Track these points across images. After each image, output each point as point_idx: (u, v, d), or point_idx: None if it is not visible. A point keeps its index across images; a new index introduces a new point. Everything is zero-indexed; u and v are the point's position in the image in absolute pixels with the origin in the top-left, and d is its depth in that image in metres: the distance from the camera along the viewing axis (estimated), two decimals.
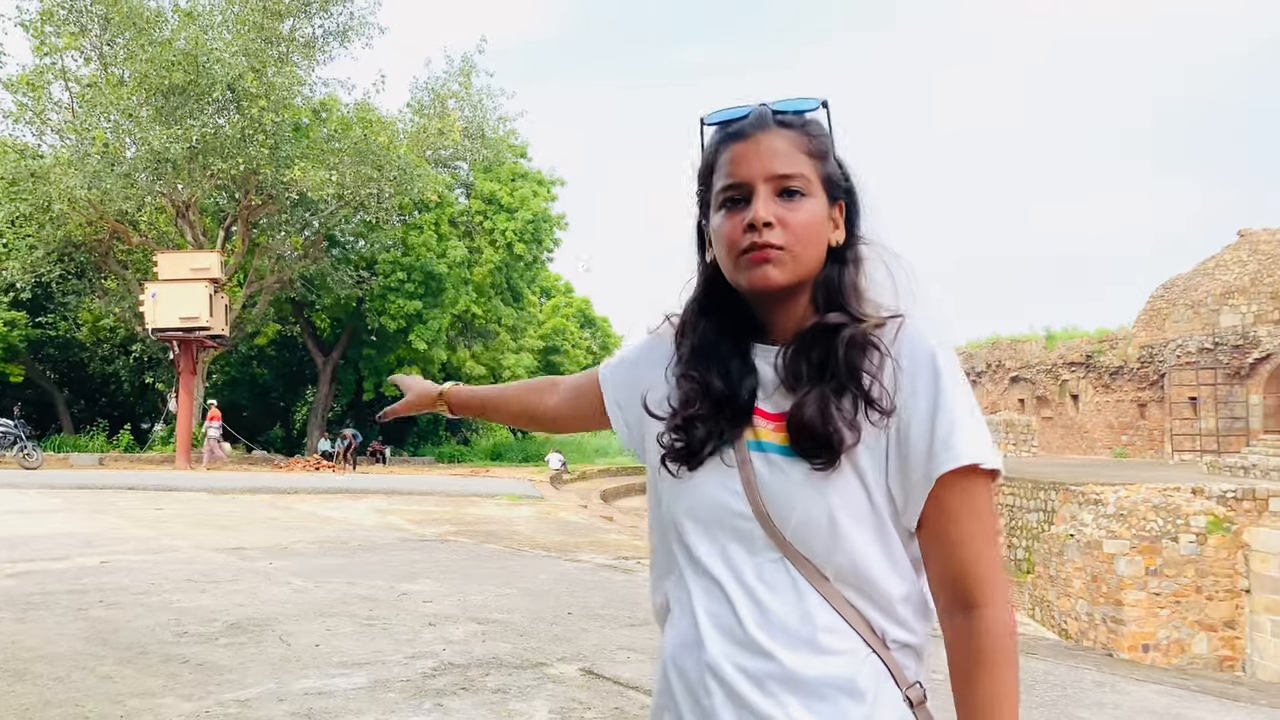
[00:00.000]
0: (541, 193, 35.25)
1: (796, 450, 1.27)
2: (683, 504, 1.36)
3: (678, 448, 1.36)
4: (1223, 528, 13.82)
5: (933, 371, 1.27)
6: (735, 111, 1.37)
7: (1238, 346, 24.22)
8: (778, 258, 1.29)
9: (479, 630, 6.26)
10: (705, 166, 1.40)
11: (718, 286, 1.40)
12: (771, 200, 1.30)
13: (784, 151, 1.32)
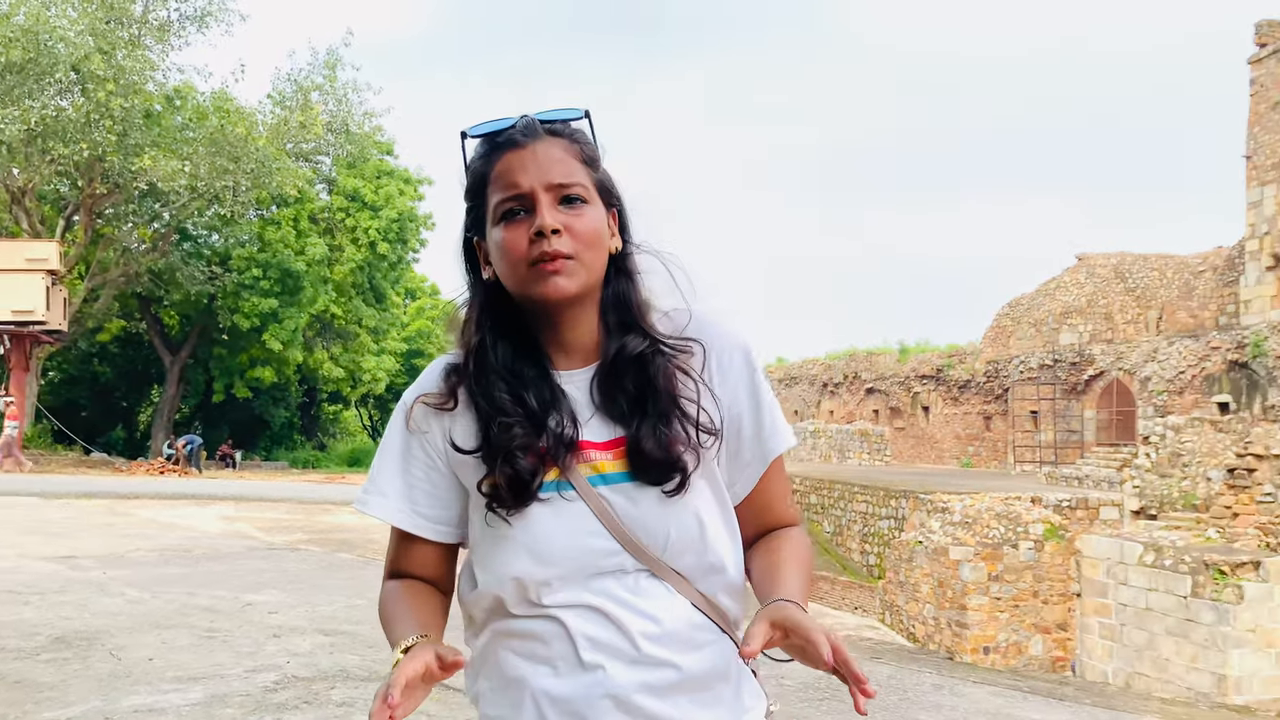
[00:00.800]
0: (408, 191, 34.60)
1: (644, 480, 1.30)
2: (524, 554, 1.29)
3: (505, 483, 1.29)
4: (1058, 535, 14.62)
5: (748, 370, 1.38)
6: (500, 123, 1.34)
7: (1074, 363, 25.69)
8: (568, 267, 1.27)
9: (327, 642, 6.05)
10: (476, 180, 1.35)
11: (499, 305, 1.36)
12: (554, 208, 1.28)
13: (561, 159, 1.31)
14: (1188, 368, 21.88)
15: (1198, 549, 12.26)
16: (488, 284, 1.36)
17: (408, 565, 1.41)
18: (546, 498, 1.29)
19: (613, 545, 1.29)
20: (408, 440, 1.37)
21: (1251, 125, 21.45)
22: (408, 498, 1.37)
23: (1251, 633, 11.50)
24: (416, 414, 1.37)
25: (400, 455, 1.38)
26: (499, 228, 1.30)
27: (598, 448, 1.32)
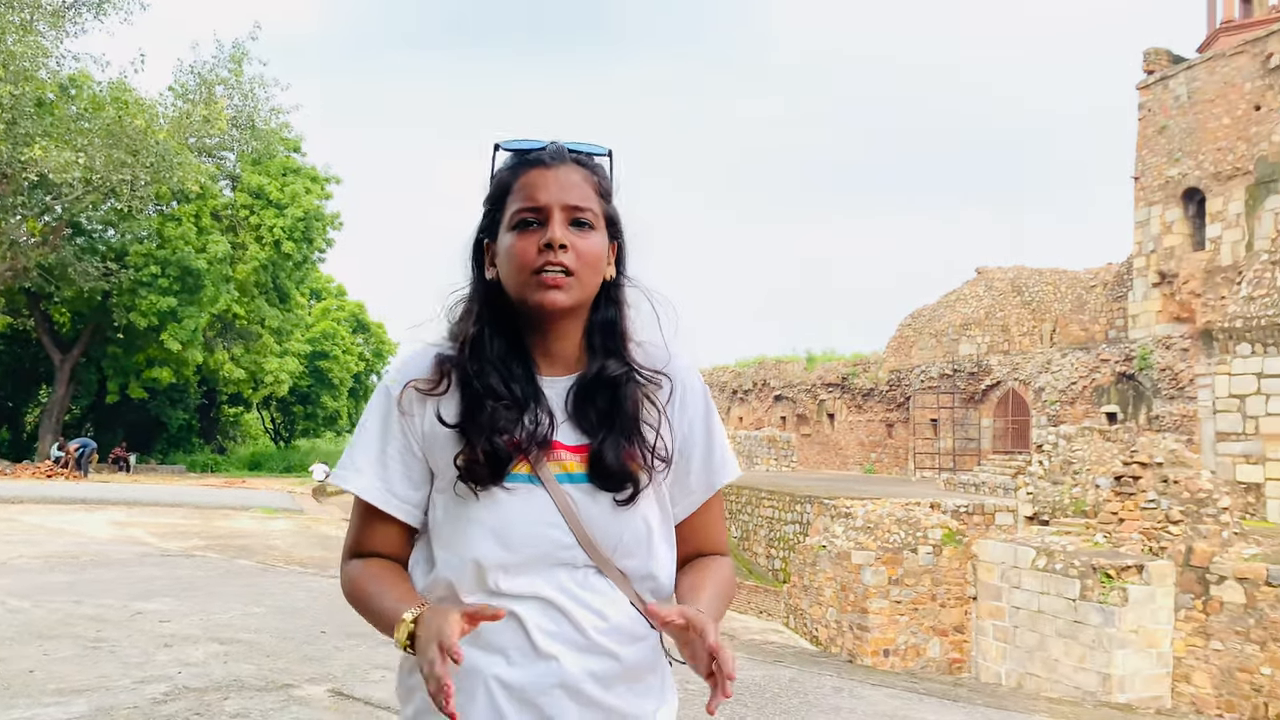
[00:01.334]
0: (315, 190, 33.86)
1: (601, 486, 1.44)
2: (488, 537, 1.39)
3: (484, 458, 1.39)
4: (955, 540, 15.02)
5: (705, 408, 1.56)
6: (532, 143, 1.48)
7: (973, 374, 26.48)
8: (567, 283, 1.41)
9: (221, 651, 5.88)
10: (499, 189, 1.48)
11: (496, 305, 1.48)
12: (565, 226, 1.42)
13: (578, 185, 1.45)
14: (1079, 379, 22.75)
15: (1086, 553, 12.74)
16: (489, 283, 1.49)
17: (372, 544, 1.49)
18: (514, 487, 1.41)
19: (570, 539, 1.41)
20: (388, 422, 1.47)
21: (1140, 149, 22.43)
22: (382, 476, 1.46)
23: (1134, 633, 12.00)
24: (406, 397, 1.46)
25: (379, 435, 1.47)
26: (512, 234, 1.44)
27: (567, 449, 1.45)
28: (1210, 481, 13.04)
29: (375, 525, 1.48)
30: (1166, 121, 21.72)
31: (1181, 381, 19.98)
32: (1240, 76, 20.14)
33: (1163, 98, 21.89)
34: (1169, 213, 21.63)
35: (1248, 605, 11.60)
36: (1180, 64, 21.81)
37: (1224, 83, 20.48)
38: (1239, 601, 11.69)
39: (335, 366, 42.96)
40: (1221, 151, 20.39)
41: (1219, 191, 20.42)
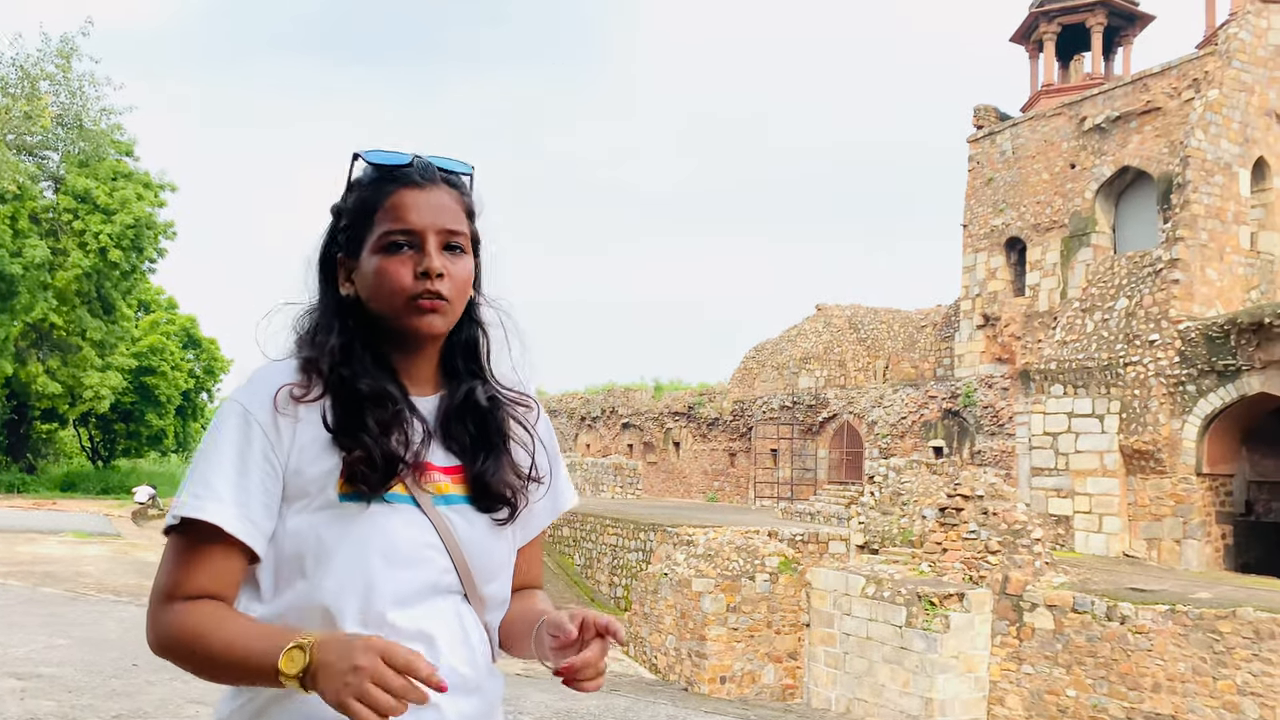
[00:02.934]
0: (147, 196, 32.14)
1: (480, 507, 1.42)
2: (375, 556, 1.32)
3: (380, 457, 1.33)
4: (791, 568, 15.43)
5: (552, 439, 1.57)
6: (396, 156, 1.42)
7: (811, 406, 27.37)
8: (444, 309, 1.38)
9: (18, 687, 5.44)
10: (364, 206, 1.41)
11: (352, 322, 1.42)
12: (440, 252, 1.39)
13: (452, 208, 1.42)
14: (909, 414, 23.83)
15: (912, 582, 13.31)
16: (345, 300, 1.43)
17: (204, 583, 1.30)
18: (396, 506, 1.35)
19: (447, 563, 1.37)
20: (247, 443, 1.33)
21: (968, 198, 23.82)
22: (243, 504, 1.31)
23: (955, 659, 12.59)
24: (269, 413, 1.34)
25: (237, 458, 1.33)
26: (379, 256, 1.38)
27: (442, 471, 1.41)
28: (1025, 514, 13.85)
29: (215, 561, 1.30)
30: (993, 174, 23.16)
31: (1002, 419, 21.21)
32: (1058, 136, 21.69)
33: (990, 152, 23.35)
34: (993, 259, 23.03)
35: (1056, 631, 12.35)
36: (1006, 121, 23.33)
37: (1044, 141, 22.01)
38: (1049, 628, 12.43)
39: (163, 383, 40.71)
40: (1041, 205, 21.87)
41: (1038, 242, 21.88)
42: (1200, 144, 16.91)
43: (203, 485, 1.31)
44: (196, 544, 1.30)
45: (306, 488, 1.34)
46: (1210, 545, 15.28)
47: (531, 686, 6.32)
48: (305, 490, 1.34)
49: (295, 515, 1.33)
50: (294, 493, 1.34)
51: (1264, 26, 17.94)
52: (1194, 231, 16.56)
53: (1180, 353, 15.54)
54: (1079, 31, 23.86)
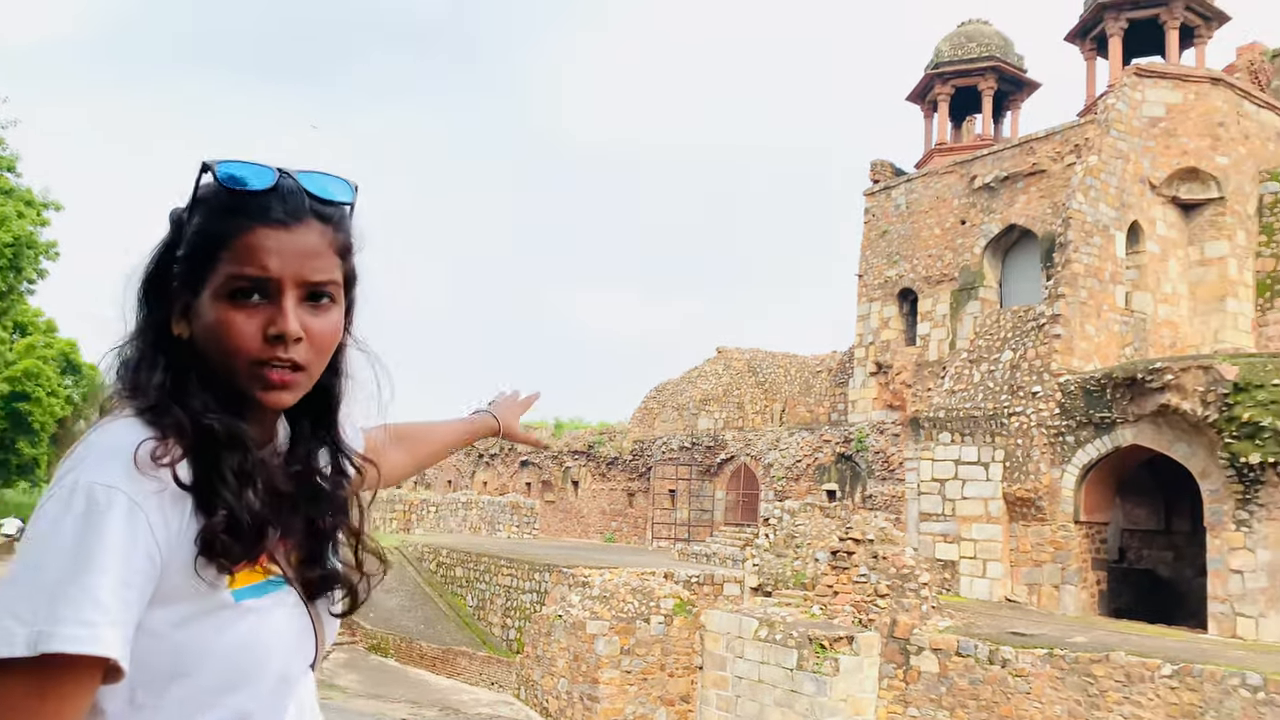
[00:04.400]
0: (29, 214, 30.82)
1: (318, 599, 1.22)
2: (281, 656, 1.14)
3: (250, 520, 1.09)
4: (686, 610, 15.47)
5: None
6: (257, 175, 1.13)
7: (709, 447, 27.63)
8: (295, 381, 1.14)
9: None
10: (208, 239, 1.13)
11: (184, 362, 1.15)
12: (299, 305, 1.14)
13: (321, 252, 1.16)
14: (804, 457, 24.25)
15: (804, 624, 13.48)
16: (176, 340, 1.16)
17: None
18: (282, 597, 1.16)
19: (310, 658, 1.21)
20: (132, 544, 1.02)
21: (864, 249, 24.56)
22: (126, 622, 1.01)
23: (843, 701, 12.77)
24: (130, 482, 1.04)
25: (123, 565, 1.01)
26: (223, 303, 1.12)
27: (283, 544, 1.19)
28: (913, 558, 14.20)
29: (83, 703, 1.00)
30: (888, 227, 23.94)
31: (892, 464, 21.75)
32: (950, 193, 22.57)
33: (885, 205, 24.15)
34: (886, 309, 23.73)
35: (941, 674, 12.64)
36: (901, 176, 24.19)
37: (936, 197, 22.88)
38: (934, 671, 12.72)
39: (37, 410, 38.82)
40: (932, 258, 22.68)
41: (929, 293, 22.65)
42: (1081, 206, 17.80)
43: (88, 600, 0.97)
44: (65, 685, 0.97)
45: (184, 585, 1.06)
46: (1086, 591, 15.88)
47: None
48: (181, 588, 1.06)
49: (171, 621, 1.06)
50: (168, 591, 1.06)
51: (1139, 99, 19.06)
52: (1074, 289, 17.38)
53: (1060, 405, 16.23)
54: (971, 94, 24.96)
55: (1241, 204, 19.15)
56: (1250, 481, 13.65)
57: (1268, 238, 19.21)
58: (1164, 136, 19.07)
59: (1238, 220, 19.07)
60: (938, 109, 25.15)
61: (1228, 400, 13.77)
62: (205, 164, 1.15)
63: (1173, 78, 19.31)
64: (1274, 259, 19.07)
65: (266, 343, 1.12)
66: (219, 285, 1.12)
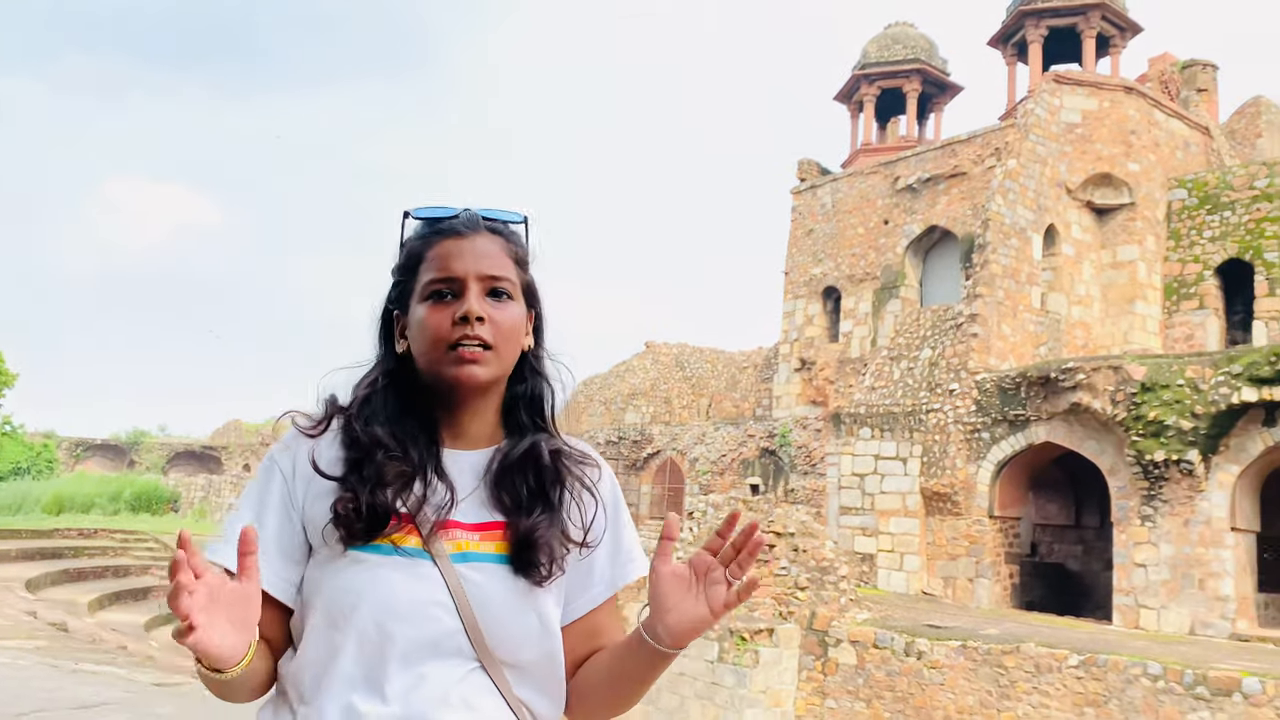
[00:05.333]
0: None
1: (517, 566, 1.35)
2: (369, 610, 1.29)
3: (365, 509, 1.30)
4: None
5: (616, 506, 1.49)
6: (444, 210, 1.43)
7: (636, 441, 27.68)
8: (485, 357, 1.35)
9: None
10: (410, 258, 1.42)
11: (402, 378, 1.42)
12: (482, 298, 1.37)
13: (494, 254, 1.40)
14: (729, 451, 24.45)
15: (725, 618, 13.58)
16: (398, 357, 1.42)
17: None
18: (400, 560, 1.31)
19: (456, 624, 1.31)
20: (267, 491, 1.37)
21: (790, 247, 24.82)
22: (259, 548, 1.27)
23: (763, 693, 12.90)
24: (279, 449, 1.39)
25: (256, 506, 1.36)
26: (424, 305, 1.37)
27: (465, 528, 1.36)
28: (833, 551, 14.41)
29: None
30: (814, 225, 24.23)
31: (814, 458, 22.05)
32: (874, 193, 22.93)
33: (811, 204, 24.44)
34: (811, 306, 24.03)
35: (859, 666, 12.85)
36: (827, 176, 24.50)
37: (861, 197, 23.22)
38: (851, 663, 12.92)
39: None
40: (856, 257, 23.02)
41: (852, 292, 23.00)
42: (999, 209, 18.24)
43: (227, 531, 1.34)
44: None
45: (318, 535, 1.34)
46: (999, 584, 16.29)
47: None
48: (318, 538, 1.34)
49: (312, 565, 1.35)
50: (314, 540, 1.36)
51: (1057, 105, 19.59)
52: (992, 289, 17.80)
53: (977, 402, 16.61)
54: (896, 95, 25.39)
55: (1151, 210, 19.82)
56: (1155, 478, 14.14)
57: (1175, 243, 19.92)
58: (1080, 142, 19.64)
59: (1147, 225, 19.74)
60: (864, 109, 25.54)
61: (1135, 399, 14.24)
62: (406, 212, 1.46)
63: (1089, 85, 19.89)
64: (1180, 263, 19.79)
65: (455, 325, 1.35)
66: (421, 292, 1.39)
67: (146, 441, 47.14)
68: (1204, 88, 22.12)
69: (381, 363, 1.45)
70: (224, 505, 32.89)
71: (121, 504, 32.19)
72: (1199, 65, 22.37)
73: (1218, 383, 13.54)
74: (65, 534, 20.72)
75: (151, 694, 6.54)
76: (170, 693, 6.73)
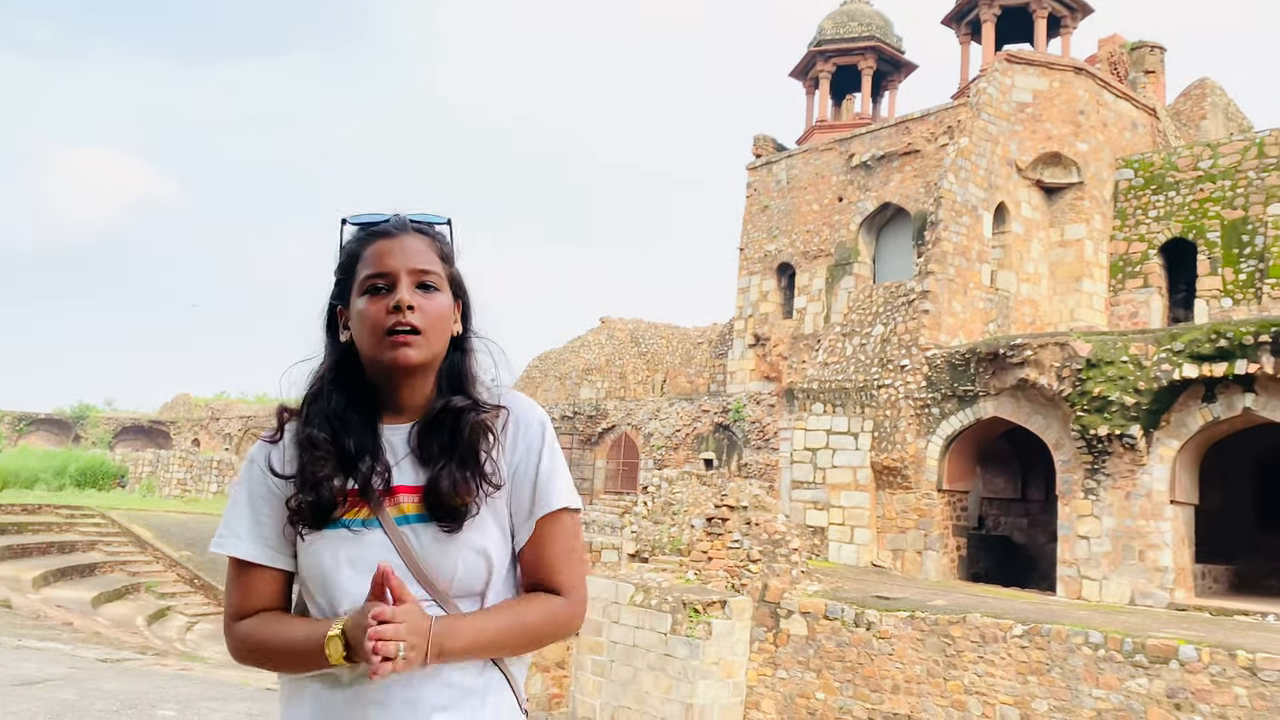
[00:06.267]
0: None
1: (432, 516, 1.55)
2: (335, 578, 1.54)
3: (308, 507, 1.54)
4: None
5: (541, 439, 1.66)
6: (377, 216, 1.64)
7: (591, 416, 27.70)
8: (416, 341, 1.55)
9: None
10: (349, 258, 1.63)
11: (348, 365, 1.62)
12: (412, 289, 1.57)
13: (422, 251, 1.61)
14: (683, 426, 24.56)
15: (678, 590, 13.70)
16: (343, 346, 1.63)
17: (256, 601, 1.60)
18: (352, 532, 1.54)
19: (406, 576, 1.51)
20: (253, 484, 1.61)
21: (746, 223, 24.89)
22: (257, 535, 1.59)
23: (715, 665, 13.06)
24: (255, 451, 1.63)
25: (248, 499, 1.61)
26: (363, 298, 1.58)
27: (407, 491, 1.57)
28: (784, 525, 14.57)
29: (256, 581, 1.59)
30: (769, 202, 24.30)
31: (768, 433, 22.23)
32: (829, 170, 23.04)
33: (767, 180, 24.50)
34: (765, 283, 24.15)
35: (809, 637, 13.04)
36: (783, 152, 24.56)
37: (815, 174, 23.33)
38: (802, 634, 13.11)
39: None
40: (810, 234, 23.15)
41: (806, 268, 23.13)
42: (951, 187, 18.43)
43: (225, 525, 1.61)
44: (236, 573, 1.61)
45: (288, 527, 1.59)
46: (947, 556, 16.60)
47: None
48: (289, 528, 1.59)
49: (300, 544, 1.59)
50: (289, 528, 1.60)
51: (1009, 84, 19.79)
52: (943, 267, 18.01)
53: (927, 378, 16.84)
54: (851, 73, 25.48)
55: (1099, 189, 20.15)
56: (1098, 452, 14.46)
57: (1121, 222, 20.28)
58: (1030, 121, 19.87)
59: (1095, 204, 20.06)
60: (819, 86, 25.60)
61: (1081, 375, 14.52)
62: (344, 219, 1.67)
63: (1040, 65, 20.11)
64: (1126, 242, 20.16)
65: (390, 314, 1.55)
66: (359, 287, 1.60)
67: (92, 416, 46.26)
68: (1151, 69, 22.47)
69: (329, 354, 1.65)
70: (172, 480, 32.42)
71: (67, 479, 31.60)
72: (1147, 47, 22.71)
73: (1160, 360, 13.85)
74: (8, 510, 20.30)
75: (97, 670, 6.47)
76: (117, 669, 6.66)
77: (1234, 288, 18.56)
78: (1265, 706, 9.60)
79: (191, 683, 6.42)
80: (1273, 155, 18.49)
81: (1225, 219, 18.82)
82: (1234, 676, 9.85)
